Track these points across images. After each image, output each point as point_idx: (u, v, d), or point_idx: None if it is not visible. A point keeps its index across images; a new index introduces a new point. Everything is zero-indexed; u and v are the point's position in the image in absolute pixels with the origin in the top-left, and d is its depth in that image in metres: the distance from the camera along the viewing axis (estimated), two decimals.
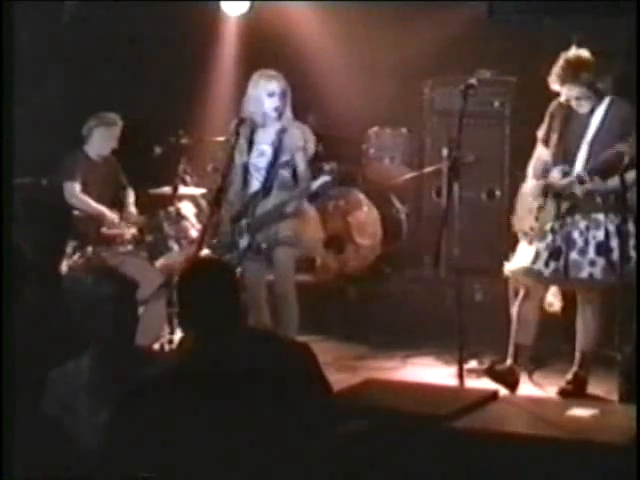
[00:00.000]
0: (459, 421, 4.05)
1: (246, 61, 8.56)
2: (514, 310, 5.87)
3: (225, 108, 8.19)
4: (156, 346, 6.92)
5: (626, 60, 7.38)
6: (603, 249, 5.59)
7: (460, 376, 5.49)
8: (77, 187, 7.03)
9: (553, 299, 5.98)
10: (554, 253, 5.65)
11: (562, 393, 5.82)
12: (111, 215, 7.20)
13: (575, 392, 5.80)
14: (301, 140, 6.26)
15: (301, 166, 6.26)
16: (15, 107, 6.14)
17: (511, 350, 5.90)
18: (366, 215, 7.06)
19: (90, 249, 6.93)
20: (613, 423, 4.10)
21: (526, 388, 5.92)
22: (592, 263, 5.60)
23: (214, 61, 8.61)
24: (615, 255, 5.53)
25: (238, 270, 5.99)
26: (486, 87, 7.11)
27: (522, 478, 3.82)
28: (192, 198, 7.44)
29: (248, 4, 8.42)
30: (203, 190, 7.41)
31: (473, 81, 5.78)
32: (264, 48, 8.25)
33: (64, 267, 6.78)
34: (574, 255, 5.63)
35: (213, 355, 3.40)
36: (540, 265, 5.67)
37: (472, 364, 6.31)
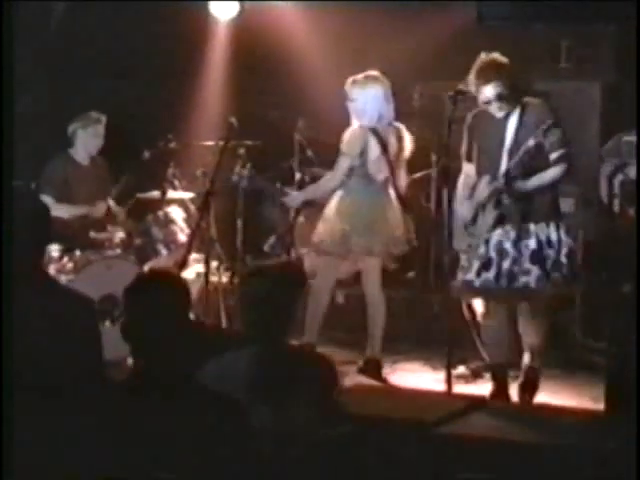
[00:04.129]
0: (447, 427, 4.05)
1: (235, 65, 8.57)
2: (482, 333, 5.86)
3: (214, 112, 8.19)
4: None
5: (614, 67, 7.41)
6: (536, 258, 5.57)
7: (448, 382, 5.49)
8: (50, 200, 6.90)
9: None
10: (485, 264, 5.61)
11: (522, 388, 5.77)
12: (95, 207, 7.18)
13: (530, 388, 5.76)
14: (344, 145, 6.42)
15: (336, 167, 6.48)
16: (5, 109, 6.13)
17: (490, 372, 5.89)
18: None
19: (78, 253, 6.91)
20: (600, 431, 4.11)
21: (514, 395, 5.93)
22: (526, 272, 5.58)
23: (203, 65, 8.60)
24: (549, 264, 5.56)
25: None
26: None
27: None
28: (181, 202, 7.43)
29: (237, 6, 8.40)
30: (192, 194, 7.40)
31: (462, 87, 5.79)
32: (254, 52, 8.25)
33: (52, 271, 6.75)
34: (507, 265, 5.58)
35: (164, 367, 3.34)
36: (471, 275, 5.64)
37: (460, 370, 6.31)
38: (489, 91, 5.64)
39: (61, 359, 3.42)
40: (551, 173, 5.59)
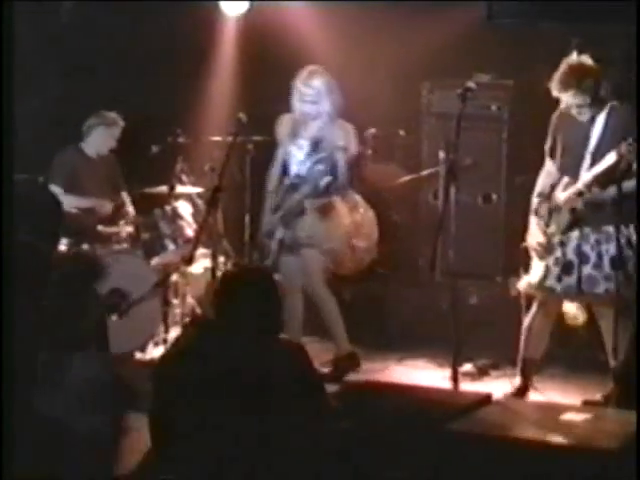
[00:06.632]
0: (453, 424, 4.05)
1: (244, 61, 8.57)
2: (525, 324, 5.85)
3: (223, 108, 8.19)
4: (150, 345, 6.92)
5: (625, 66, 7.39)
6: (618, 264, 5.46)
7: (454, 379, 5.49)
8: (58, 190, 6.91)
9: (577, 311, 5.93)
10: (565, 268, 5.60)
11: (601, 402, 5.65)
12: (102, 203, 7.18)
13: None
14: (342, 140, 6.34)
15: (340, 164, 6.38)
16: (14, 104, 6.11)
17: (520, 365, 5.88)
18: (362, 217, 7.06)
19: (85, 246, 6.92)
20: (606, 428, 4.10)
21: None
22: (607, 278, 5.52)
23: (213, 60, 8.61)
24: (630, 268, 5.49)
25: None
26: (484, 90, 7.11)
27: None
28: (189, 197, 7.44)
29: (247, 4, 8.41)
30: (200, 189, 7.41)
31: (471, 84, 5.78)
32: (263, 48, 8.25)
33: None
34: (588, 269, 5.56)
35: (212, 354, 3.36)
36: (552, 281, 5.63)
37: (466, 367, 6.31)
38: (568, 99, 5.61)
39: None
40: (632, 183, 5.47)
